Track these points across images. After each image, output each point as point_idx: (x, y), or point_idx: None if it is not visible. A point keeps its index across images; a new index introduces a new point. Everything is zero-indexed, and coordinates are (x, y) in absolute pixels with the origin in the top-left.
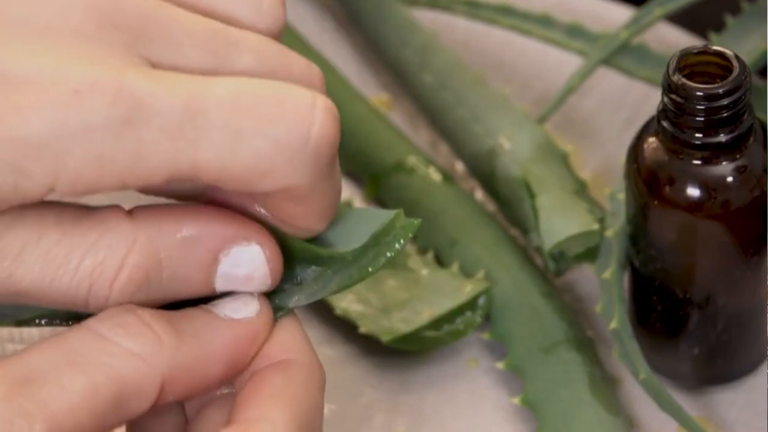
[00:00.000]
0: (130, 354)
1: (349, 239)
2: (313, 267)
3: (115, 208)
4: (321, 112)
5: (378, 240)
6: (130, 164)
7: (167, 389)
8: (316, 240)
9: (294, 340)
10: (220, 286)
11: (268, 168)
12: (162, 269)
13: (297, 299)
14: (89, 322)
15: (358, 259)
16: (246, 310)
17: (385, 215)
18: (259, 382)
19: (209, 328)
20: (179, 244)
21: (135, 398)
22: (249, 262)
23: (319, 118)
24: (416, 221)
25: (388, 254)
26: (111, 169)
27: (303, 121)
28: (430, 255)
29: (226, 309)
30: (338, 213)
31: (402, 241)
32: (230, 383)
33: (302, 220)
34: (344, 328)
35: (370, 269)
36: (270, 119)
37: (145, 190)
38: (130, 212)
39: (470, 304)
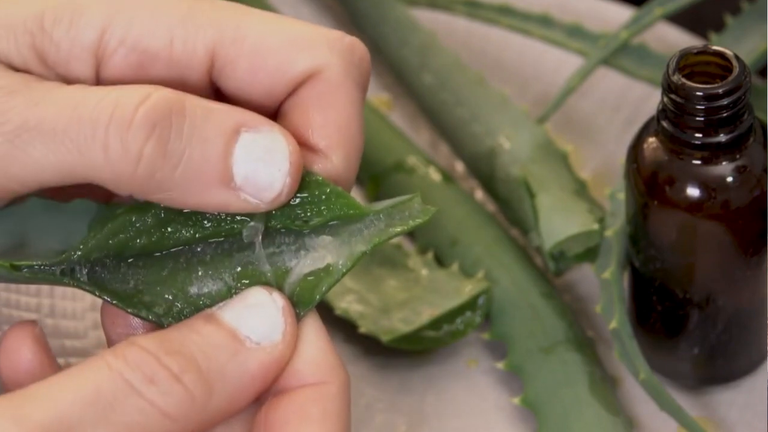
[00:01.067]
0: (163, 415)
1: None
2: (319, 239)
3: None
4: None
5: (391, 213)
6: None
7: None
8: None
9: (323, 356)
10: (238, 157)
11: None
12: (185, 117)
13: (318, 287)
14: (122, 367)
15: (368, 227)
16: (272, 331)
17: (399, 197)
18: (295, 408)
19: (236, 364)
20: (205, 106)
21: None
22: (270, 141)
23: None
24: (432, 208)
25: (399, 228)
26: None
27: None
28: (430, 255)
29: (252, 333)
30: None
31: (416, 218)
32: None
33: (322, 132)
34: (344, 328)
35: (376, 239)
36: None
37: None
38: None
39: (470, 304)
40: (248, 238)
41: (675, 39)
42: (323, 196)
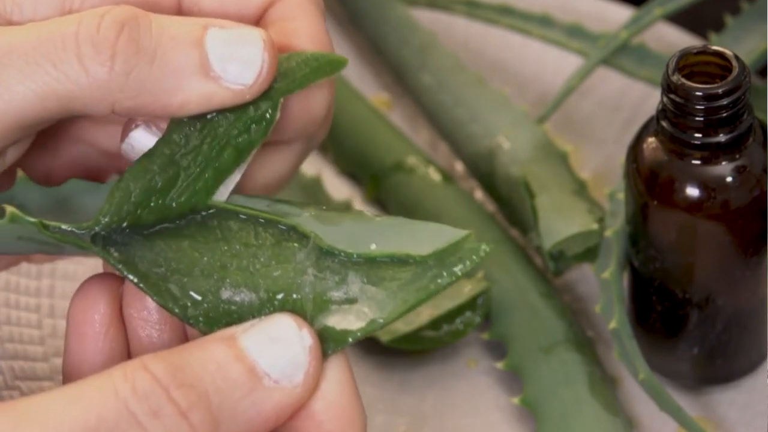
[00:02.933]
0: None
1: (412, 246)
2: (365, 279)
3: None
4: None
5: (442, 257)
6: None
7: None
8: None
9: (347, 403)
10: (211, 45)
11: None
12: (150, 19)
13: (352, 330)
14: (127, 395)
15: (417, 277)
16: (294, 372)
17: (453, 233)
18: None
19: (250, 403)
20: (169, 16)
21: None
22: (239, 30)
23: None
24: (485, 246)
25: (450, 279)
26: None
27: None
28: None
29: (271, 370)
30: (396, 225)
31: (467, 263)
32: None
33: (296, 41)
34: None
35: (424, 295)
36: None
37: None
38: None
39: (470, 304)
40: (300, 257)
41: (675, 39)
42: (311, 67)
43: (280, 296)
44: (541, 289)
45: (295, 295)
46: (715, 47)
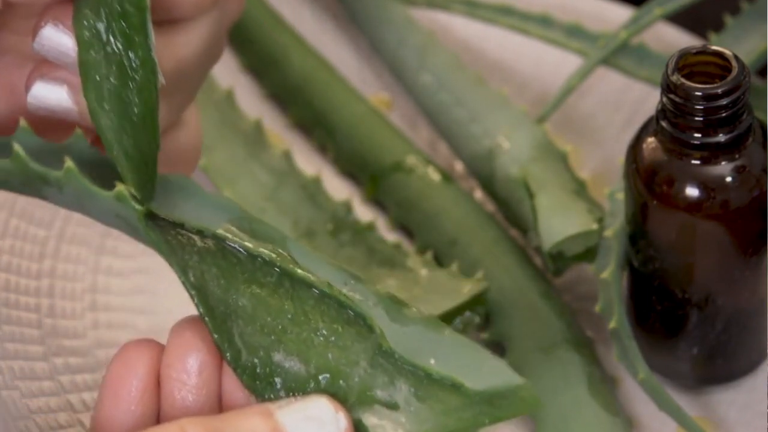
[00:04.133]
0: None
1: (468, 376)
2: (412, 390)
3: None
4: None
5: (492, 399)
6: None
7: None
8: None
9: None
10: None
11: None
12: None
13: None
14: None
15: (462, 408)
16: None
17: (512, 377)
18: None
19: None
20: None
21: None
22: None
23: None
24: (537, 398)
25: (495, 419)
26: None
27: None
28: (429, 255)
29: None
30: (462, 347)
31: (515, 412)
32: None
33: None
34: None
35: (470, 425)
36: None
37: None
38: None
39: (469, 304)
40: (358, 347)
41: (674, 39)
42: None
43: (326, 377)
44: (540, 289)
45: (341, 382)
46: (714, 47)
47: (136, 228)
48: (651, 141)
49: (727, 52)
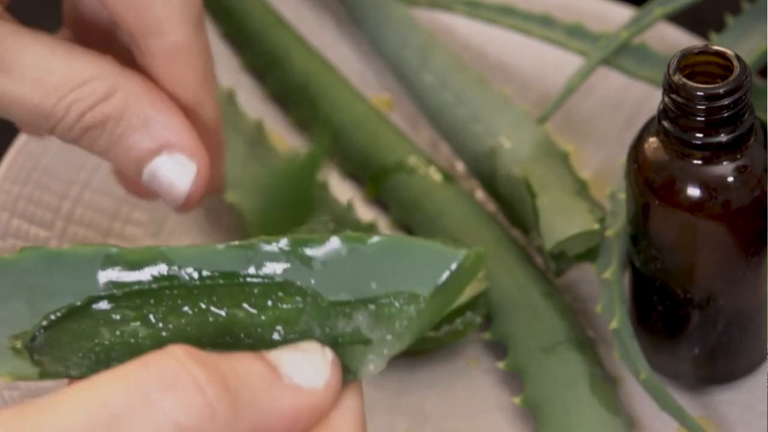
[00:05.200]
0: (177, 427)
1: (412, 280)
2: (372, 320)
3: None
4: None
5: (445, 286)
6: None
7: None
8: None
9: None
10: (146, 173)
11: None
12: (120, 123)
13: (372, 364)
14: (140, 375)
15: (425, 309)
16: (314, 377)
17: (452, 256)
18: None
19: (269, 395)
20: (142, 120)
21: None
22: (180, 170)
23: None
24: (483, 251)
25: (458, 295)
26: None
27: None
28: None
29: (293, 372)
30: (392, 251)
31: (471, 280)
32: None
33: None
34: None
35: (439, 313)
36: None
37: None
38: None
39: (470, 305)
40: (304, 318)
41: (675, 39)
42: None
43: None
44: (542, 289)
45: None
46: (716, 47)
47: None
48: (652, 141)
49: (729, 51)
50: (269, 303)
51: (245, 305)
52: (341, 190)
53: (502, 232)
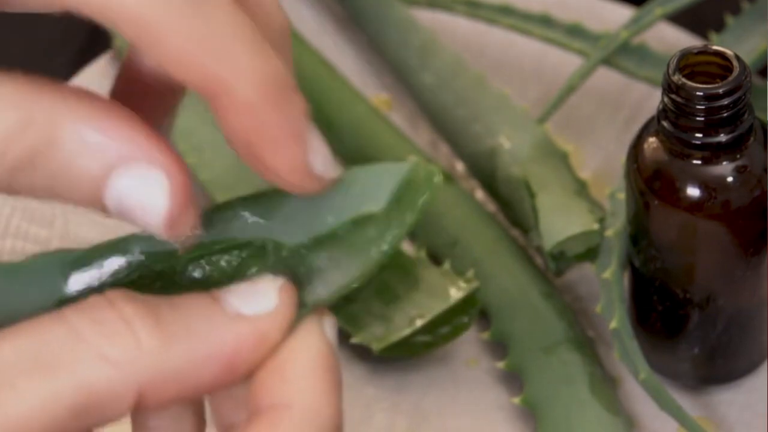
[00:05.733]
0: (101, 358)
1: (366, 202)
2: (334, 251)
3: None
4: None
5: (399, 201)
6: None
7: (147, 395)
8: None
9: (303, 372)
10: (110, 204)
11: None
12: (51, 154)
13: (318, 292)
14: (68, 312)
15: (383, 229)
16: (260, 304)
17: (399, 168)
18: None
19: (207, 324)
20: (79, 141)
21: (103, 407)
22: (146, 187)
23: None
24: (436, 168)
25: (415, 210)
26: None
27: None
28: (422, 253)
29: (236, 300)
30: (341, 177)
31: (427, 194)
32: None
33: (265, 139)
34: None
35: (401, 232)
36: None
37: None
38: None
39: (460, 306)
40: (271, 264)
41: (675, 39)
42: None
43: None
44: (541, 289)
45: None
46: (715, 47)
47: None
48: (652, 141)
49: (729, 51)
50: (238, 267)
51: (216, 275)
52: None
53: (502, 232)
